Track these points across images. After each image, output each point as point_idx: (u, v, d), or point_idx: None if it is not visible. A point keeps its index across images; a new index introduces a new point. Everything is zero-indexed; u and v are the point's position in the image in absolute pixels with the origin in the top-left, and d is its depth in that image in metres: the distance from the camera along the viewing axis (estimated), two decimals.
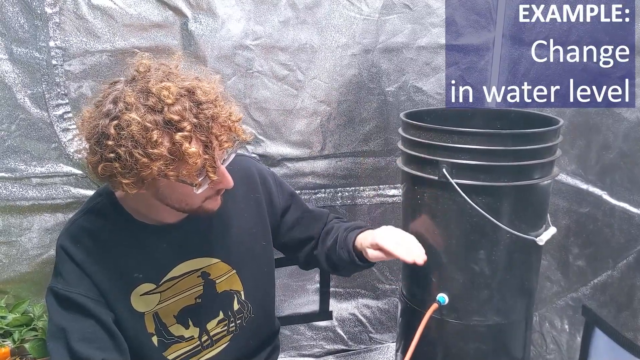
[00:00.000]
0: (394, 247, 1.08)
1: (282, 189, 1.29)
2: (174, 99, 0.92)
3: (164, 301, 1.13)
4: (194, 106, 0.94)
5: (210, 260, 1.18)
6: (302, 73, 1.50)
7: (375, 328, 1.82)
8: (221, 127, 0.98)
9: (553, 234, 1.11)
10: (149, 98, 0.92)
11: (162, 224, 1.12)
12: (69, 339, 1.02)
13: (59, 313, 1.05)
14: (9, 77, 1.29)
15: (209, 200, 1.06)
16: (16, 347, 1.36)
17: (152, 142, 0.90)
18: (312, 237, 1.30)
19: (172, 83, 0.95)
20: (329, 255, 1.25)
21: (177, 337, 1.15)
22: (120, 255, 1.08)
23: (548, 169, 1.10)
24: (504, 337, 1.18)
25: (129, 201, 1.10)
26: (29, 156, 1.35)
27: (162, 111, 0.92)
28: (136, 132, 0.90)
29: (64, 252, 1.06)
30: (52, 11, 1.28)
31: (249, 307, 1.24)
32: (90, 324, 1.04)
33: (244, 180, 1.23)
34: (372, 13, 1.50)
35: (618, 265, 1.20)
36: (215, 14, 1.39)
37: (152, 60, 1.00)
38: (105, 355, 1.03)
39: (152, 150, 0.90)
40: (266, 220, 1.25)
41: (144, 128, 0.90)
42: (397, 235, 1.12)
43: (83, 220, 1.09)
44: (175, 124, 0.92)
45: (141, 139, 0.90)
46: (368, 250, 1.13)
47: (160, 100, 0.92)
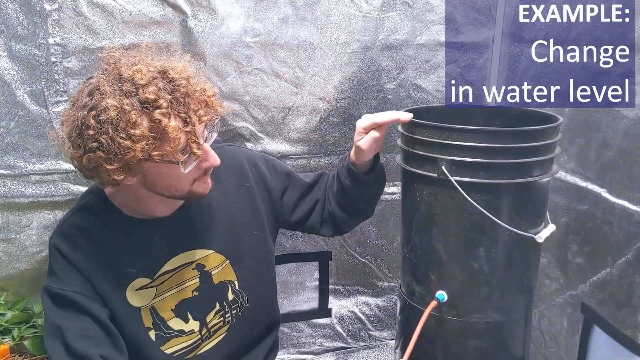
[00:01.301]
0: (375, 117, 1.11)
1: (276, 171, 1.29)
2: (147, 79, 0.95)
3: (160, 295, 1.14)
4: (167, 84, 0.97)
5: (204, 251, 1.18)
6: (302, 70, 1.50)
7: (374, 325, 1.82)
8: (197, 102, 1.00)
9: (552, 231, 1.11)
10: (123, 83, 0.94)
11: (153, 217, 1.12)
12: (65, 336, 1.03)
13: (55, 311, 1.05)
14: (8, 74, 1.29)
15: (198, 183, 1.06)
16: (15, 344, 1.36)
17: (131, 123, 0.92)
18: (318, 199, 1.30)
19: (143, 66, 0.97)
20: (339, 198, 1.26)
21: (177, 331, 1.16)
22: (113, 251, 1.09)
23: (547, 167, 1.10)
24: (504, 335, 1.18)
25: (119, 196, 1.11)
26: (28, 153, 1.35)
27: (137, 93, 0.93)
28: (115, 117, 0.91)
29: (56, 251, 1.07)
30: (51, 8, 1.28)
31: (244, 296, 1.24)
32: (86, 321, 1.05)
33: (233, 170, 1.23)
34: (372, 10, 1.50)
35: (617, 263, 1.20)
36: (214, 11, 1.39)
37: (120, 51, 1.01)
38: (102, 351, 1.04)
39: (132, 131, 0.92)
40: (260, 209, 1.25)
41: (121, 111, 0.92)
42: (376, 113, 1.13)
43: (74, 218, 1.10)
44: (151, 102, 0.94)
45: (120, 123, 0.91)
46: (359, 143, 1.13)
47: (134, 84, 0.94)
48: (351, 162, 1.20)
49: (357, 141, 1.14)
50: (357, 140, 1.14)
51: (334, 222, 1.31)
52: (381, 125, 1.11)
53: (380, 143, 1.15)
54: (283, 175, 1.30)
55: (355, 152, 1.18)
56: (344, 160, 1.23)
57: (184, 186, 1.04)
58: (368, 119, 1.11)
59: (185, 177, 1.02)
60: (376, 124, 1.11)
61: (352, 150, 1.20)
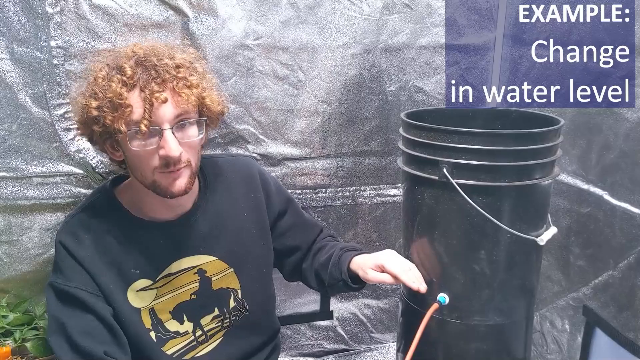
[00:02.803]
0: (400, 272, 1.11)
1: (280, 193, 1.30)
2: (134, 50, 1.03)
3: (160, 297, 1.14)
4: (150, 56, 1.02)
5: (207, 257, 1.18)
6: (303, 73, 1.50)
7: (376, 328, 1.82)
8: (164, 83, 1.00)
9: (554, 234, 1.11)
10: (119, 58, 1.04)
11: (158, 220, 1.12)
12: (70, 333, 1.03)
13: (59, 308, 1.06)
14: (10, 77, 1.29)
15: (161, 175, 1.03)
16: (17, 346, 1.36)
17: (98, 84, 1.00)
18: (300, 247, 1.31)
19: (148, 43, 1.05)
20: (319, 272, 1.26)
21: (173, 332, 1.16)
22: (118, 250, 1.09)
23: (549, 169, 1.10)
24: (505, 337, 1.18)
25: (126, 194, 1.12)
26: (30, 155, 1.35)
27: (119, 60, 1.02)
28: (100, 78, 1.01)
29: (62, 247, 1.07)
30: (53, 11, 1.28)
31: (245, 305, 1.24)
32: (90, 318, 1.05)
33: (244, 179, 1.23)
34: (373, 13, 1.50)
35: (619, 266, 1.20)
36: (216, 13, 1.39)
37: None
38: (106, 348, 1.04)
39: (95, 89, 1.01)
40: (266, 220, 1.25)
41: (104, 74, 1.01)
42: (403, 261, 1.15)
43: (81, 216, 1.10)
44: (119, 68, 1.00)
45: (96, 82, 1.01)
46: (369, 270, 1.14)
47: (125, 54, 1.03)
48: (348, 267, 1.20)
49: (368, 268, 1.15)
50: (370, 267, 1.15)
51: (299, 277, 1.34)
52: (397, 278, 1.12)
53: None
54: (285, 199, 1.31)
55: (358, 270, 1.18)
56: (344, 254, 1.23)
57: (146, 171, 1.03)
58: (394, 269, 1.12)
59: (144, 160, 1.01)
60: (397, 279, 1.12)
61: (358, 256, 1.20)
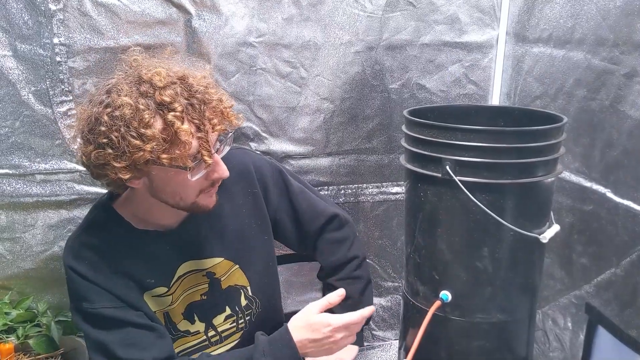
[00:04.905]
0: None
1: (277, 185, 1.29)
2: (165, 82, 0.94)
3: (174, 302, 1.14)
4: (185, 90, 0.96)
5: (214, 260, 1.18)
6: (306, 70, 1.50)
7: (378, 325, 1.82)
8: (213, 111, 0.99)
9: (557, 231, 1.11)
10: (142, 84, 0.94)
11: (162, 228, 1.12)
12: (112, 350, 1.02)
13: (93, 330, 1.04)
14: (13, 74, 1.29)
15: (204, 195, 1.05)
16: (20, 343, 1.37)
17: (144, 123, 0.91)
18: (304, 236, 1.34)
19: (163, 69, 0.97)
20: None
21: (183, 331, 1.16)
22: (129, 263, 1.08)
23: (552, 167, 1.10)
24: (508, 335, 1.18)
25: (126, 208, 1.10)
26: (33, 153, 1.35)
27: (153, 94, 0.93)
28: (128, 114, 0.91)
29: (73, 272, 1.05)
30: (56, 8, 1.28)
31: (257, 302, 1.24)
32: (127, 330, 1.04)
33: (240, 175, 1.23)
34: (376, 10, 1.50)
35: (622, 263, 1.20)
36: (219, 11, 1.39)
37: (143, 55, 1.02)
38: (152, 352, 1.04)
39: (144, 131, 0.91)
40: (265, 214, 1.25)
41: (135, 110, 0.91)
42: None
43: (84, 237, 1.08)
44: (167, 105, 0.93)
45: (133, 121, 0.91)
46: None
47: (152, 85, 0.94)
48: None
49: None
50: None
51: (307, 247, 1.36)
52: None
53: None
54: (283, 189, 1.31)
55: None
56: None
57: (189, 196, 1.03)
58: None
59: (191, 186, 1.01)
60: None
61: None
